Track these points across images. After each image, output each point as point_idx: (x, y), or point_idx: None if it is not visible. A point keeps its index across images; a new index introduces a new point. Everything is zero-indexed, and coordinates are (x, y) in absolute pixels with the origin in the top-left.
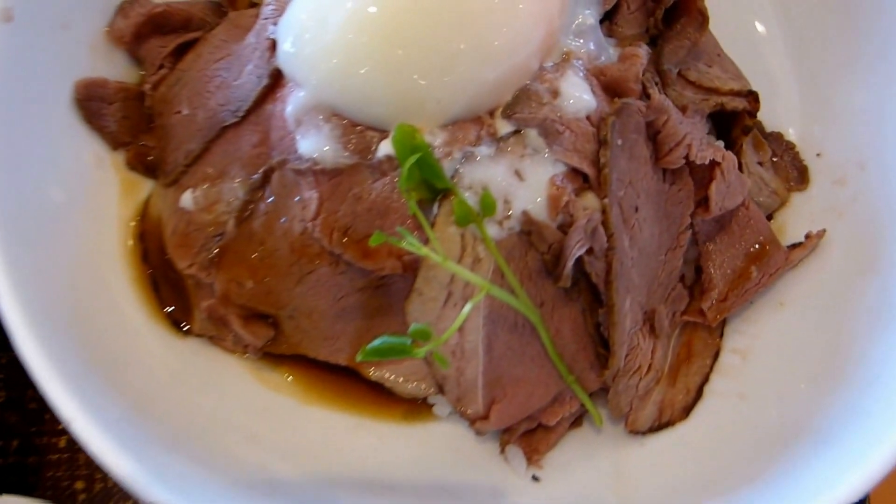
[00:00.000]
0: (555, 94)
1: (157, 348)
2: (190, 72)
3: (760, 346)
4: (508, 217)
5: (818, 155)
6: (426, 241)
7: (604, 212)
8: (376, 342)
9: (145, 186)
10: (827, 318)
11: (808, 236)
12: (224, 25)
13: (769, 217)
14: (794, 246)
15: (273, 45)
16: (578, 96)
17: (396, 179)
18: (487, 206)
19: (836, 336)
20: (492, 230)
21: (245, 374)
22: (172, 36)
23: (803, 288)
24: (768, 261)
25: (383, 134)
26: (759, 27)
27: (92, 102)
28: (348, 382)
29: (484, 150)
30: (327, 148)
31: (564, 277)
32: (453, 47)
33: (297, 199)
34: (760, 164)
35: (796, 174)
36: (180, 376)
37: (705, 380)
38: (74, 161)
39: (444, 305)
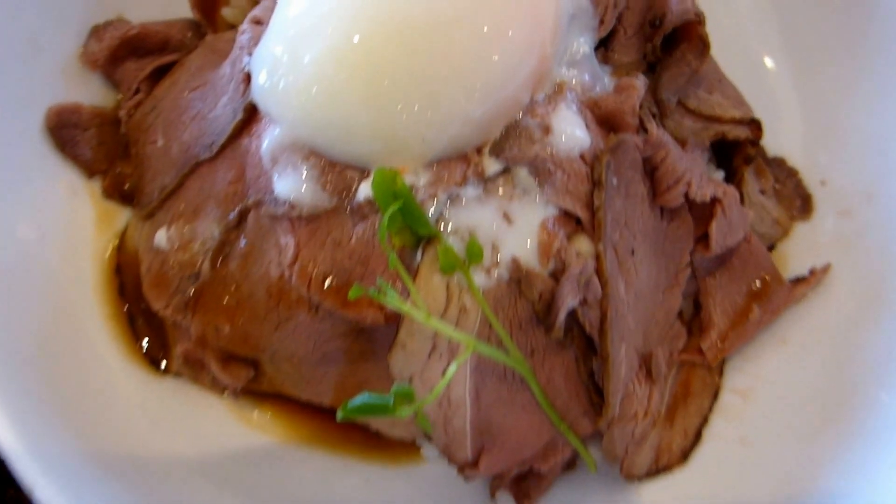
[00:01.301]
0: (546, 130)
1: (131, 390)
2: (165, 100)
3: (762, 387)
4: (497, 264)
5: (822, 183)
6: (409, 291)
7: (598, 258)
8: (358, 400)
9: (122, 215)
10: (832, 358)
11: (812, 272)
12: (201, 50)
13: (771, 247)
14: (797, 280)
15: (248, 78)
16: (571, 133)
17: (378, 224)
18: (474, 253)
19: (843, 379)
20: (479, 279)
21: (225, 413)
22: (149, 58)
23: (807, 325)
24: (770, 298)
25: (364, 173)
26: (762, 50)
27: (65, 130)
28: (332, 420)
29: (470, 191)
30: (305, 188)
31: (556, 329)
32: (438, 82)
33: (273, 243)
34: (762, 192)
35: (799, 203)
36: (156, 420)
37: (704, 421)
38: (46, 193)
39: (429, 358)
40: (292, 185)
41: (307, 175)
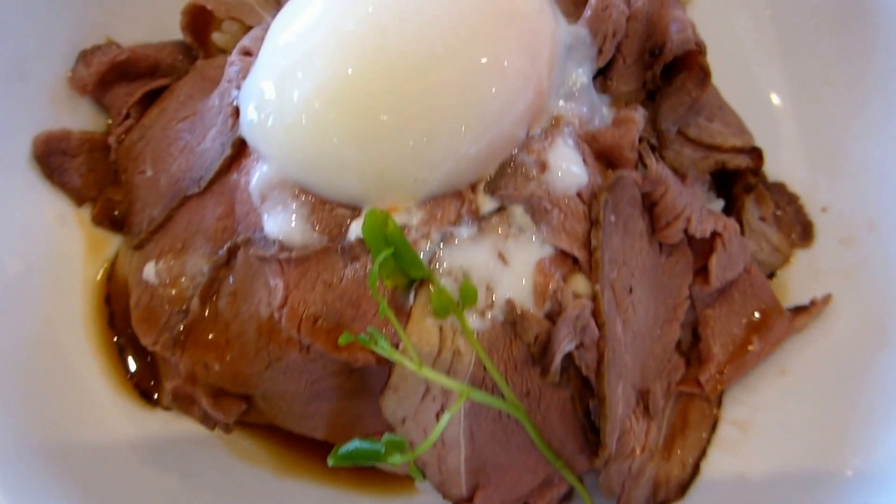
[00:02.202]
0: (543, 166)
1: (121, 423)
2: (154, 128)
3: (762, 419)
4: (491, 306)
5: (823, 210)
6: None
7: (595, 299)
8: (349, 446)
9: (112, 242)
10: (833, 391)
11: (813, 302)
12: (191, 76)
13: (771, 275)
14: (797, 309)
15: (236, 112)
16: (568, 169)
17: (369, 266)
18: (468, 296)
19: (843, 413)
20: (473, 321)
21: (217, 445)
22: (139, 83)
23: (807, 356)
24: (770, 329)
25: (355, 212)
26: (763, 75)
27: (53, 157)
28: (326, 451)
29: (465, 231)
30: (294, 227)
31: (553, 373)
32: (430, 120)
33: (263, 282)
34: (762, 219)
35: (800, 230)
36: (147, 454)
37: (702, 454)
38: (34, 224)
39: (422, 400)
40: (282, 223)
41: (297, 214)
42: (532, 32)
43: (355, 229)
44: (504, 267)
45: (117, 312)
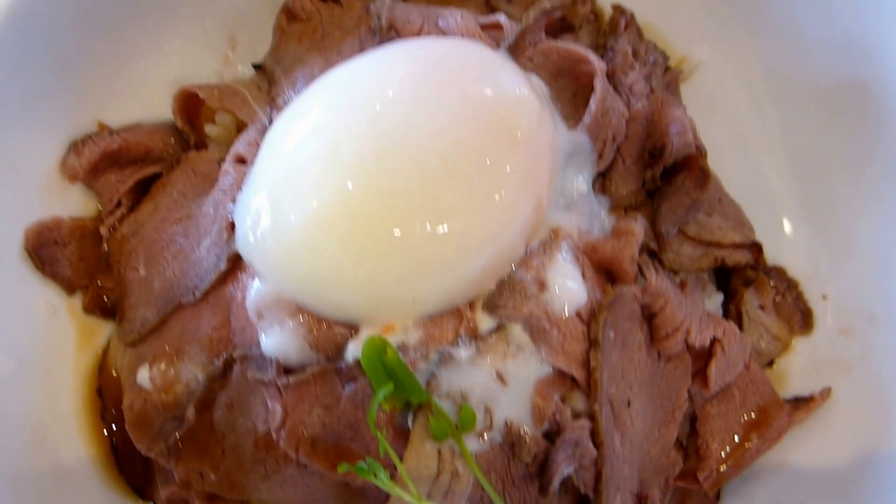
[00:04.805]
0: (541, 285)
1: None
2: (147, 226)
3: None
4: (490, 427)
5: (824, 297)
6: (401, 458)
7: (593, 418)
8: None
9: (104, 330)
10: (831, 488)
11: (812, 396)
12: (183, 171)
13: (770, 363)
14: (797, 401)
15: (231, 226)
16: (567, 286)
17: (367, 388)
18: (467, 421)
19: None
20: (471, 443)
21: None
22: (130, 170)
23: (806, 449)
24: (769, 426)
25: (353, 330)
26: (763, 156)
27: (44, 248)
28: None
29: (463, 352)
30: (292, 347)
31: (551, 495)
32: (428, 243)
33: (260, 399)
34: (762, 307)
35: (800, 317)
36: None
37: None
38: (26, 319)
39: None
40: (279, 342)
41: (294, 332)
42: (532, 149)
43: (353, 350)
44: (503, 387)
45: (109, 406)
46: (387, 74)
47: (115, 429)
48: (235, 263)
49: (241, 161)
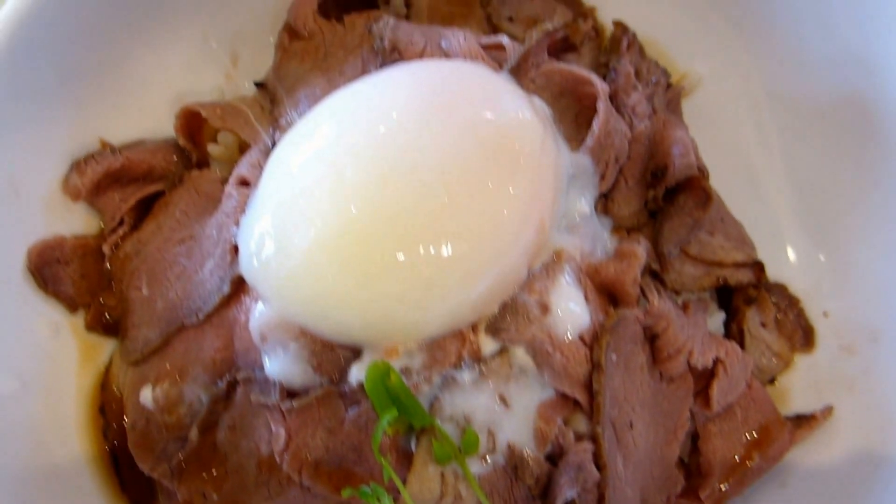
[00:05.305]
0: (544, 308)
1: None
2: (150, 246)
3: None
4: (493, 450)
5: (825, 314)
6: (404, 481)
7: (596, 441)
8: None
9: (106, 347)
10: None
11: (814, 415)
12: (186, 190)
13: (771, 380)
14: (798, 419)
15: (235, 249)
16: (570, 309)
17: (370, 411)
18: (470, 444)
19: None
20: (474, 466)
21: None
22: (132, 188)
23: (808, 467)
24: (771, 445)
25: (356, 353)
26: (765, 172)
27: (47, 267)
28: None
29: (466, 375)
30: (295, 369)
31: None
32: (430, 268)
33: (263, 421)
34: (763, 325)
35: (801, 335)
36: None
37: None
38: (29, 338)
39: None
40: (283, 365)
41: (297, 355)
42: (534, 172)
43: (356, 373)
44: (506, 410)
45: (111, 423)
46: (391, 98)
47: (117, 445)
48: (239, 286)
49: (245, 183)
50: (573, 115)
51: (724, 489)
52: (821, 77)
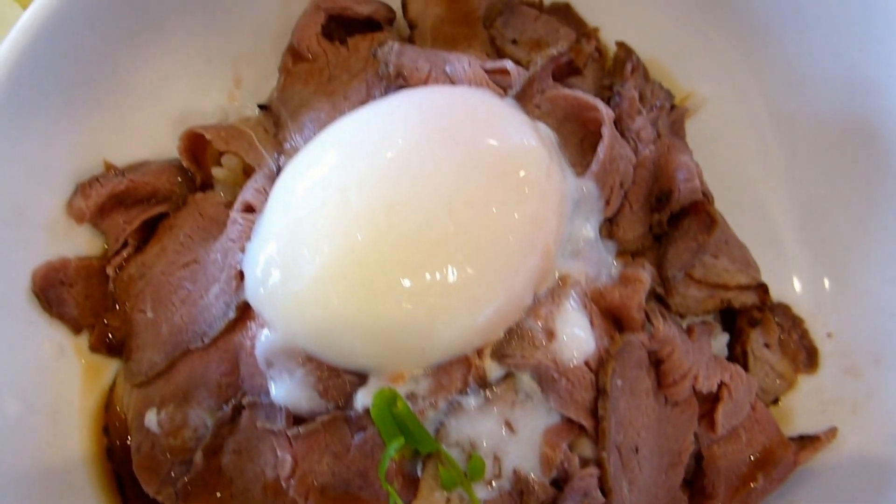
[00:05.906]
0: (550, 334)
1: None
2: (154, 269)
3: None
4: (499, 476)
5: (829, 335)
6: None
7: (601, 466)
8: None
9: (109, 368)
10: None
11: (818, 436)
12: (190, 213)
13: (775, 401)
14: (802, 440)
15: (240, 275)
16: (575, 335)
17: (377, 436)
18: (476, 469)
19: None
20: (480, 492)
21: None
22: (136, 210)
23: (812, 488)
24: (775, 466)
25: (362, 378)
26: (769, 192)
27: (51, 289)
28: None
29: (472, 400)
30: (301, 395)
31: None
32: (438, 294)
33: (269, 446)
34: (767, 346)
35: (805, 356)
36: None
37: None
38: (33, 360)
39: None
40: (288, 391)
41: (303, 381)
42: (539, 198)
43: (362, 399)
44: (512, 435)
45: (115, 443)
46: (396, 124)
47: (121, 466)
48: (244, 312)
49: (250, 209)
50: (578, 140)
51: None
52: (826, 98)
